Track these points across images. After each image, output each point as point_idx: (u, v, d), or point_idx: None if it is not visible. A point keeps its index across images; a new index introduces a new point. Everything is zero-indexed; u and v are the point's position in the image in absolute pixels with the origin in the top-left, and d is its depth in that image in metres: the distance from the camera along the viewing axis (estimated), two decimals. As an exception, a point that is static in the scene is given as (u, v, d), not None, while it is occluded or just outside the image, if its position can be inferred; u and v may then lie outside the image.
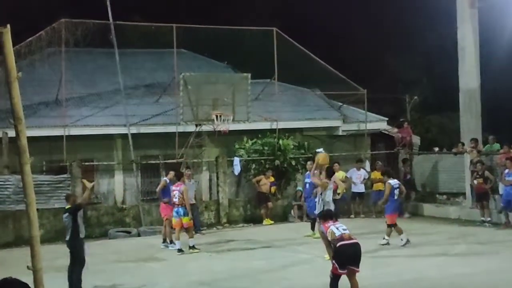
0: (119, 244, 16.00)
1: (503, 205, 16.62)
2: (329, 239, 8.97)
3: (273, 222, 18.80)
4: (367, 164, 21.06)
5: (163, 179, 16.04)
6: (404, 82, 35.49)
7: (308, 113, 22.03)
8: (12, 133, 7.34)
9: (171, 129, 18.98)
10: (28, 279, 3.96)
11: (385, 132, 23.25)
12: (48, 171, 18.07)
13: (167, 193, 15.04)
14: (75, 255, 10.36)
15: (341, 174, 18.35)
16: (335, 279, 8.68)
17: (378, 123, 22.80)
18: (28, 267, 4.86)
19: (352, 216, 19.27)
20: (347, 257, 8.61)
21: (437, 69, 33.96)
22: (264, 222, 18.77)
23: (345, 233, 8.77)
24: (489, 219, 16.90)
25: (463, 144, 19.58)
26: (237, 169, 19.30)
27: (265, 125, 20.43)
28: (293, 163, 19.89)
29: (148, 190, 19.30)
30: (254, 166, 19.81)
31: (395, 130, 22.70)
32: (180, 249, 13.95)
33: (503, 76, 29.04)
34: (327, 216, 9.44)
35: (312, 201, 15.03)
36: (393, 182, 14.38)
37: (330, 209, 11.99)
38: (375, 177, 19.27)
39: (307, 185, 16.37)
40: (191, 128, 19.00)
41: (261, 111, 20.65)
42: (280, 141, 19.92)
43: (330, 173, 13.76)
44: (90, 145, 18.78)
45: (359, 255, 8.64)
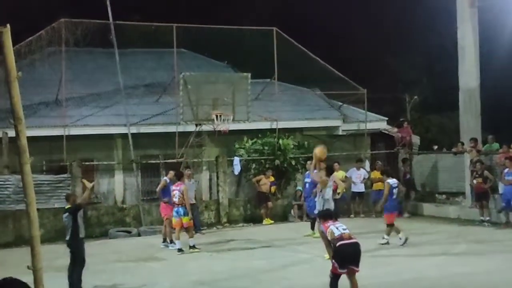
0: (119, 243, 16.01)
1: (503, 204, 16.63)
2: (329, 238, 8.96)
3: (273, 221, 18.81)
4: (367, 163, 21.09)
5: (163, 178, 16.06)
6: (404, 81, 35.49)
7: (308, 112, 22.04)
8: (12, 133, 7.34)
9: (171, 128, 19.00)
10: (28, 279, 3.96)
11: (385, 131, 23.25)
12: (48, 171, 18.09)
13: (167, 193, 15.04)
14: (75, 255, 10.37)
15: (341, 173, 18.36)
16: (335, 278, 8.68)
17: (378, 123, 22.81)
18: (28, 267, 4.86)
19: (352, 215, 19.29)
20: (347, 256, 8.60)
21: (437, 69, 33.98)
22: (264, 222, 18.78)
23: (344, 232, 8.76)
24: (488, 218, 16.90)
25: (462, 144, 19.58)
26: (237, 168, 19.31)
27: (265, 125, 20.44)
28: (293, 162, 19.90)
29: (148, 189, 19.32)
30: (254, 165, 19.82)
31: (395, 129, 22.69)
32: (180, 249, 13.96)
33: (503, 75, 29.02)
34: (326, 216, 9.44)
35: (312, 200, 15.02)
36: (392, 181, 14.39)
37: (330, 208, 12.00)
38: (375, 176, 19.26)
39: (307, 184, 16.38)
40: (191, 128, 19.01)
41: (261, 110, 20.66)
42: (280, 141, 19.93)
43: (329, 171, 13.76)
44: (90, 145, 18.80)
45: (359, 254, 8.64)
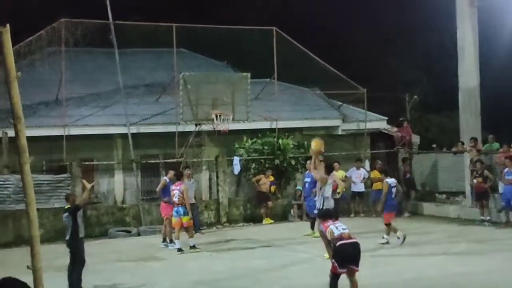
0: (119, 243, 16.01)
1: (503, 204, 16.63)
2: (329, 238, 8.97)
3: (273, 221, 18.81)
4: (366, 163, 21.08)
5: (163, 178, 16.06)
6: (403, 81, 35.45)
7: (307, 112, 22.04)
8: (12, 133, 7.33)
9: (171, 128, 19.00)
10: (28, 278, 3.96)
11: (384, 131, 23.24)
12: (48, 171, 18.09)
13: (167, 193, 15.04)
14: (75, 254, 10.37)
15: (340, 173, 18.36)
16: (334, 278, 8.68)
17: (378, 123, 22.82)
18: (28, 267, 4.85)
19: (352, 215, 19.30)
20: (346, 256, 8.59)
21: (437, 69, 33.97)
22: (264, 222, 18.79)
23: (344, 232, 8.76)
24: (488, 218, 16.89)
25: (462, 143, 19.58)
26: (237, 168, 19.32)
27: (265, 125, 20.44)
28: (293, 162, 19.90)
29: (148, 189, 19.33)
30: (253, 165, 19.82)
31: (395, 129, 22.68)
32: (180, 249, 13.96)
33: (502, 75, 29.01)
34: (326, 215, 9.44)
35: (311, 200, 15.02)
36: (390, 180, 14.39)
37: (329, 208, 11.99)
38: (374, 176, 19.25)
39: (306, 184, 16.38)
40: (191, 128, 19.01)
41: (260, 110, 20.66)
42: (280, 141, 19.93)
43: (329, 169, 13.76)
44: (90, 144, 18.80)
45: (358, 254, 8.63)
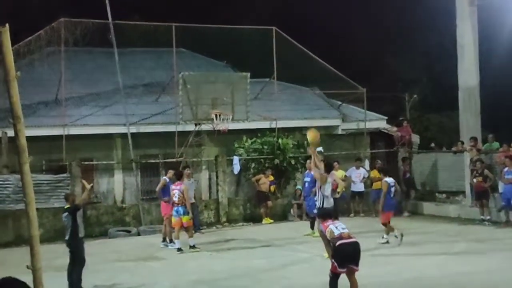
0: (119, 243, 16.01)
1: (503, 203, 16.63)
2: (328, 238, 8.96)
3: (272, 221, 18.80)
4: (366, 163, 21.07)
5: (163, 178, 16.05)
6: (403, 80, 35.51)
7: (307, 112, 22.03)
8: (11, 133, 7.32)
9: (170, 128, 18.99)
10: (27, 278, 3.95)
11: (384, 130, 23.22)
12: (48, 171, 18.08)
13: (167, 192, 15.04)
14: (74, 254, 10.37)
15: (340, 173, 18.36)
16: (334, 278, 8.67)
17: (378, 122, 22.82)
18: (27, 267, 4.85)
19: (351, 215, 19.29)
20: (346, 256, 8.58)
21: (437, 68, 34.01)
22: (264, 221, 18.78)
23: (344, 232, 8.75)
24: (488, 217, 16.88)
25: (462, 143, 19.57)
26: (236, 168, 19.31)
27: (265, 124, 20.44)
28: (293, 162, 19.90)
29: (148, 189, 19.31)
30: (253, 165, 19.82)
31: (395, 128, 22.66)
32: (179, 248, 13.95)
33: (502, 74, 29.03)
34: (326, 215, 9.42)
35: (311, 200, 15.00)
36: (389, 180, 14.38)
37: (329, 208, 11.97)
38: (374, 175, 19.25)
39: (306, 184, 16.35)
40: (191, 127, 19.01)
41: (260, 110, 20.65)
42: (280, 140, 19.92)
43: (329, 168, 13.73)
44: (90, 144, 18.79)
45: (358, 253, 8.62)
